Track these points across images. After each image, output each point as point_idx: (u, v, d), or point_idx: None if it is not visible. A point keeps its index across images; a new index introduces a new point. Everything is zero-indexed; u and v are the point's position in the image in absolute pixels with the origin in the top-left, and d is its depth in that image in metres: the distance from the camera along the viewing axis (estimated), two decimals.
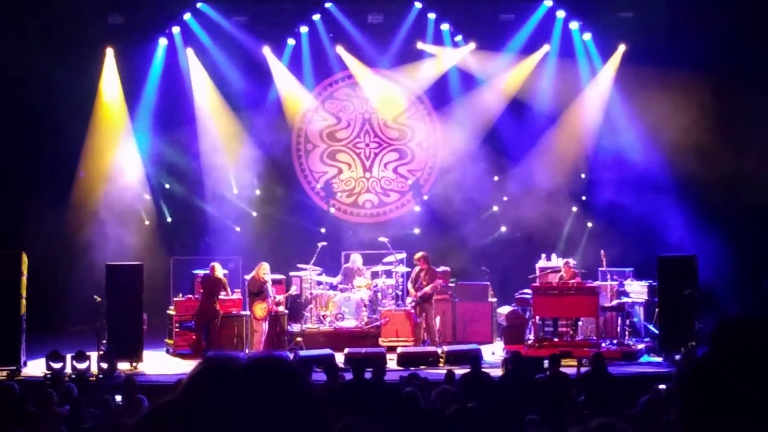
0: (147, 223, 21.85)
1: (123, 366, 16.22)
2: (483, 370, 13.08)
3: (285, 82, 22.45)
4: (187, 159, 22.07)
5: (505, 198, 21.92)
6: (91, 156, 21.62)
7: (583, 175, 21.99)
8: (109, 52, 21.55)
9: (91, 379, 15.18)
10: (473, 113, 22.37)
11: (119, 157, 21.77)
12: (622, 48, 21.62)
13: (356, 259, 20.03)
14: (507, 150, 22.18)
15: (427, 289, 18.33)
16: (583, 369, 13.02)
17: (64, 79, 20.57)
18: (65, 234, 20.89)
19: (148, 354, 17.55)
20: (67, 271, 20.47)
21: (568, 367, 13.80)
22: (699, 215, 20.09)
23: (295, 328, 18.91)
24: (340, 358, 16.26)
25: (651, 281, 18.26)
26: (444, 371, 13.42)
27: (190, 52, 21.88)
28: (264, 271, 18.19)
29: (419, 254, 18.70)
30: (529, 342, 17.64)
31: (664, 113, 20.71)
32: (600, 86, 22.03)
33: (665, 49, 20.31)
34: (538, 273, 19.53)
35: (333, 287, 19.73)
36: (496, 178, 22.09)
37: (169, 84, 21.90)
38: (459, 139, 22.27)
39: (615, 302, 18.44)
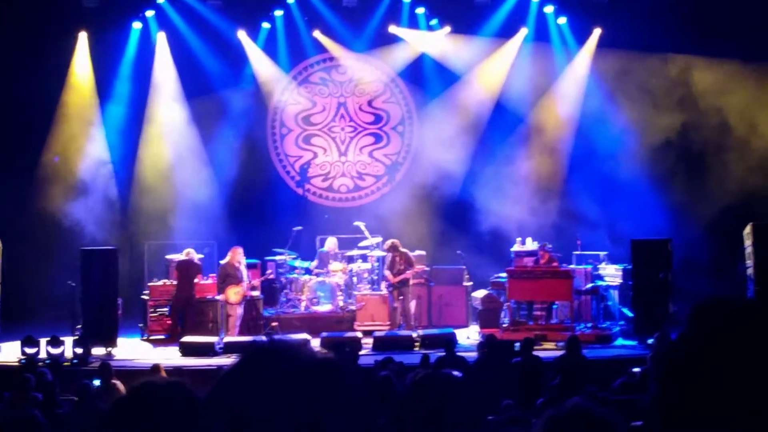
0: (119, 207, 21.69)
1: (98, 351, 16.19)
2: (458, 353, 13.11)
3: (260, 66, 22.38)
4: (159, 142, 21.95)
5: (480, 181, 21.85)
6: (62, 140, 21.44)
7: (559, 160, 21.99)
8: (83, 36, 21.41)
9: (65, 364, 15.16)
10: (449, 97, 22.35)
11: (90, 141, 21.61)
12: (597, 32, 21.64)
13: (331, 243, 20.00)
14: (483, 134, 22.16)
15: (407, 273, 18.29)
16: (557, 352, 13.04)
17: (37, 62, 20.46)
18: (38, 219, 20.74)
19: (122, 339, 17.51)
20: (40, 256, 20.32)
21: (545, 351, 13.86)
22: (674, 199, 20.22)
23: (271, 312, 18.91)
24: (315, 343, 16.25)
25: (626, 265, 18.34)
26: (419, 355, 13.43)
27: (161, 36, 21.75)
28: (238, 255, 18.11)
29: (388, 243, 18.62)
30: (505, 326, 17.69)
31: (638, 97, 20.82)
32: (576, 71, 22.02)
33: (640, 33, 20.35)
34: (513, 257, 19.56)
35: (308, 271, 19.69)
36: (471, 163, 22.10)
37: (142, 67, 21.79)
38: (435, 123, 22.26)
39: (590, 286, 18.49)
